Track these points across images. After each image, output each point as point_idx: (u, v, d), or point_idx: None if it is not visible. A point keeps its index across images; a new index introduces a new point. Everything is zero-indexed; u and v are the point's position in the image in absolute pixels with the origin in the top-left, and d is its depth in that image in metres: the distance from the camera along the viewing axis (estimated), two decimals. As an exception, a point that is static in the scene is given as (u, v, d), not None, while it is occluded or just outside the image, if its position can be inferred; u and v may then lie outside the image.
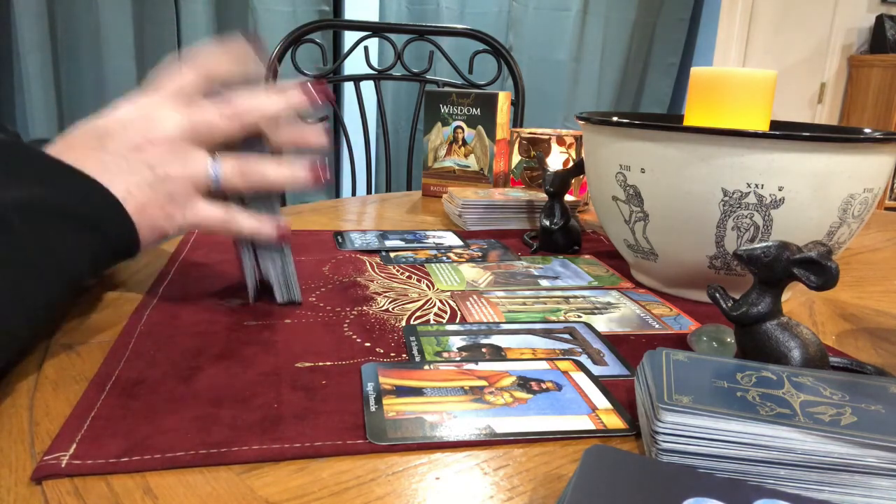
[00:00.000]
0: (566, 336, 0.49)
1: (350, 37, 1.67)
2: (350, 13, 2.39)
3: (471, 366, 0.43)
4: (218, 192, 0.47)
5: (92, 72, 1.89)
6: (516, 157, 1.02)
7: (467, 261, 0.69)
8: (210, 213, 0.47)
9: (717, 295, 0.43)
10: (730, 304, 0.43)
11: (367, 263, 0.66)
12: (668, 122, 0.59)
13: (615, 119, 0.59)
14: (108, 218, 0.42)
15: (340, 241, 0.74)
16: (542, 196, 0.86)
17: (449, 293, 0.58)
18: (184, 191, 0.45)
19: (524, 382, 0.41)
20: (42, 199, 0.40)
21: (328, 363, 0.43)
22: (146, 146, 0.44)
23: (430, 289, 0.59)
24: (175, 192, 0.45)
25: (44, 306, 0.41)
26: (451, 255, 0.71)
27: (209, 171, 0.46)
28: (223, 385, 0.39)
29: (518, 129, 1.03)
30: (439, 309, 0.54)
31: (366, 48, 1.37)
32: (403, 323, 0.50)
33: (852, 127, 1.61)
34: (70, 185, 0.41)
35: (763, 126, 0.61)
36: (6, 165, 0.40)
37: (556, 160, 0.98)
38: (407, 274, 0.63)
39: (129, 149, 0.44)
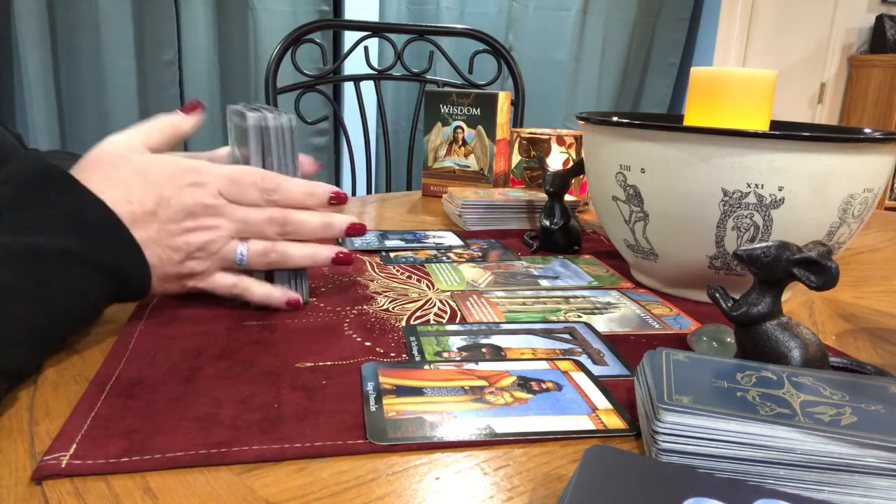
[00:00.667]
0: (566, 336, 0.49)
1: (350, 37, 1.67)
2: (350, 13, 2.39)
3: (471, 366, 0.43)
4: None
5: (92, 72, 1.89)
6: (516, 157, 1.02)
7: (467, 261, 0.69)
8: (222, 282, 0.49)
9: (717, 295, 0.43)
10: (730, 304, 0.43)
11: (367, 263, 0.66)
12: (668, 122, 0.59)
13: (615, 119, 0.59)
14: (136, 280, 0.45)
15: (340, 241, 0.74)
16: (542, 196, 0.86)
17: (449, 293, 0.58)
18: (207, 269, 0.48)
19: (524, 382, 0.41)
20: (81, 249, 0.41)
21: (328, 363, 0.43)
22: (195, 230, 0.47)
23: (430, 289, 0.59)
24: (198, 269, 0.48)
25: (52, 341, 0.42)
26: (451, 255, 0.71)
27: (237, 255, 0.48)
28: (223, 385, 0.39)
29: (518, 129, 1.03)
30: (439, 309, 0.54)
31: (366, 48, 1.37)
32: (403, 323, 0.50)
33: (852, 127, 1.61)
34: (112, 245, 0.43)
35: (763, 126, 0.61)
36: (61, 205, 0.42)
37: (556, 160, 0.98)
38: (407, 274, 0.63)
39: (179, 226, 0.46)
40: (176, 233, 0.46)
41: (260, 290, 0.50)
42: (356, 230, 0.51)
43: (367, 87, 1.41)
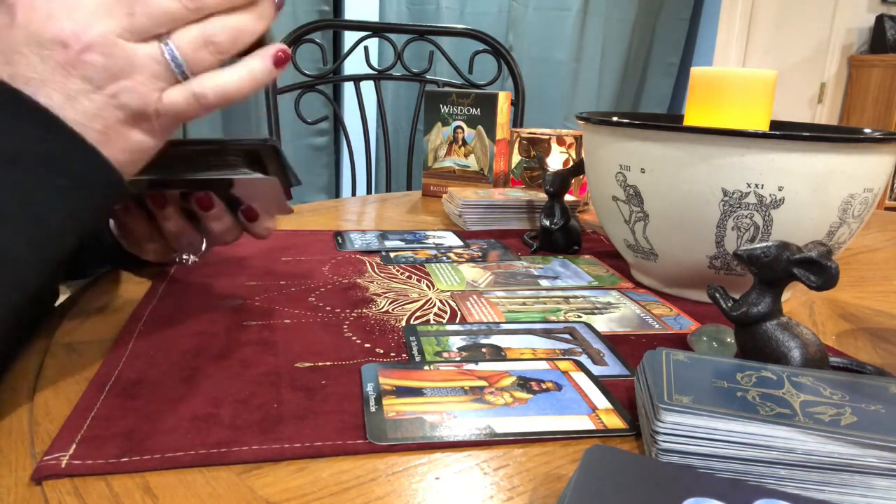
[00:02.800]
0: (566, 336, 0.49)
1: (350, 37, 1.67)
2: (350, 13, 2.39)
3: (471, 366, 0.43)
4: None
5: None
6: (516, 157, 1.02)
7: (467, 261, 0.69)
8: (182, 95, 0.37)
9: (717, 295, 0.43)
10: (730, 304, 0.43)
11: (367, 264, 0.66)
12: (668, 122, 0.59)
13: (615, 119, 0.59)
14: (62, 149, 0.34)
15: (340, 241, 0.74)
16: (542, 196, 0.86)
17: (449, 293, 0.58)
18: (143, 87, 0.36)
19: (524, 382, 0.41)
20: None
21: (328, 363, 0.43)
22: (77, 62, 0.34)
23: (430, 289, 0.59)
24: (131, 94, 0.35)
25: (25, 261, 0.34)
26: (451, 255, 0.71)
27: (166, 55, 0.36)
28: (223, 385, 0.39)
29: (518, 129, 1.03)
30: (439, 309, 0.54)
31: (366, 48, 1.37)
32: (403, 323, 0.50)
33: (852, 127, 1.61)
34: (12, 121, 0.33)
35: (763, 126, 0.61)
36: None
37: (556, 160, 0.98)
38: (407, 274, 0.63)
39: (57, 67, 0.34)
40: (66, 63, 0.34)
41: (234, 73, 0.38)
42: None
43: (367, 87, 1.41)
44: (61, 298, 0.55)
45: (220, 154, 0.50)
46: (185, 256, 0.54)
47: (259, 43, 0.39)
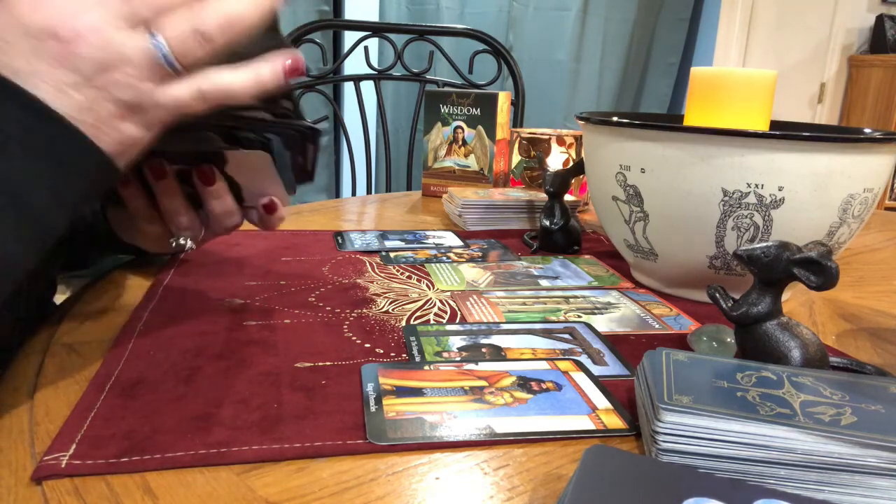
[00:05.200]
0: (566, 336, 0.49)
1: (350, 37, 1.67)
2: (350, 13, 2.39)
3: (471, 366, 0.43)
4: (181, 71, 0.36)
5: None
6: (516, 157, 1.02)
7: (467, 261, 0.69)
8: (180, 91, 0.36)
9: (717, 295, 0.43)
10: (730, 304, 0.43)
11: (367, 264, 0.66)
12: (668, 122, 0.59)
13: (615, 119, 0.59)
14: (55, 137, 0.34)
15: (340, 241, 0.74)
16: (542, 196, 0.86)
17: (449, 293, 0.58)
18: (134, 80, 0.35)
19: (524, 382, 0.41)
20: None
21: (328, 363, 0.43)
22: (68, 53, 0.33)
23: (430, 289, 0.59)
24: (123, 86, 0.35)
25: (12, 245, 0.33)
26: (451, 255, 0.71)
27: (154, 49, 0.35)
28: (223, 385, 0.39)
29: (518, 129, 1.03)
30: (439, 309, 0.54)
31: (366, 48, 1.37)
32: (403, 323, 0.50)
33: (852, 127, 1.61)
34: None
35: (763, 126, 0.61)
36: None
37: (556, 160, 0.98)
38: (407, 274, 0.63)
39: (48, 58, 0.33)
40: (57, 54, 0.33)
41: (239, 75, 0.37)
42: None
43: (367, 87, 1.41)
44: (61, 298, 0.55)
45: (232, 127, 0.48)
46: (182, 241, 0.52)
47: (274, 46, 0.39)
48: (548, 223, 0.74)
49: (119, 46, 0.34)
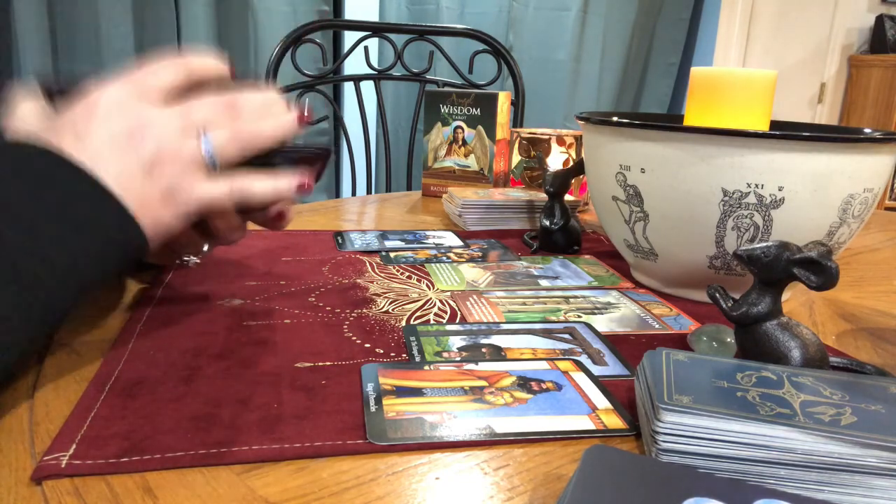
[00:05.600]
0: (566, 336, 0.49)
1: (350, 37, 1.67)
2: (350, 13, 2.39)
3: (471, 366, 0.43)
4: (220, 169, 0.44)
5: (92, 72, 1.89)
6: (516, 157, 1.02)
7: (467, 261, 0.69)
8: (214, 189, 0.43)
9: (717, 295, 0.43)
10: (730, 304, 0.43)
11: (367, 264, 0.66)
12: (668, 122, 0.59)
13: (615, 119, 0.59)
14: (106, 213, 0.39)
15: (340, 241, 0.74)
16: (542, 196, 0.86)
17: (449, 293, 0.58)
18: (180, 175, 0.42)
19: (524, 382, 0.41)
20: (32, 200, 0.36)
21: (328, 363, 0.43)
22: (135, 133, 0.41)
23: (430, 289, 0.59)
24: (171, 178, 0.41)
25: (51, 316, 0.38)
26: (451, 255, 0.71)
27: (203, 149, 0.42)
28: (223, 385, 0.39)
29: (518, 129, 1.03)
30: (439, 309, 0.54)
31: (366, 48, 1.37)
32: (403, 323, 0.50)
33: (852, 127, 1.61)
34: (59, 180, 0.38)
35: (763, 126, 0.61)
36: None
37: (556, 160, 0.98)
38: (407, 274, 0.63)
39: (118, 135, 0.40)
40: (113, 141, 0.40)
41: (262, 184, 0.45)
42: (302, 121, 0.47)
43: (367, 87, 1.41)
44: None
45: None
46: (185, 258, 0.53)
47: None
48: (548, 223, 0.74)
49: (178, 145, 0.42)
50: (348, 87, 1.93)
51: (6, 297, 0.34)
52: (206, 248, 0.52)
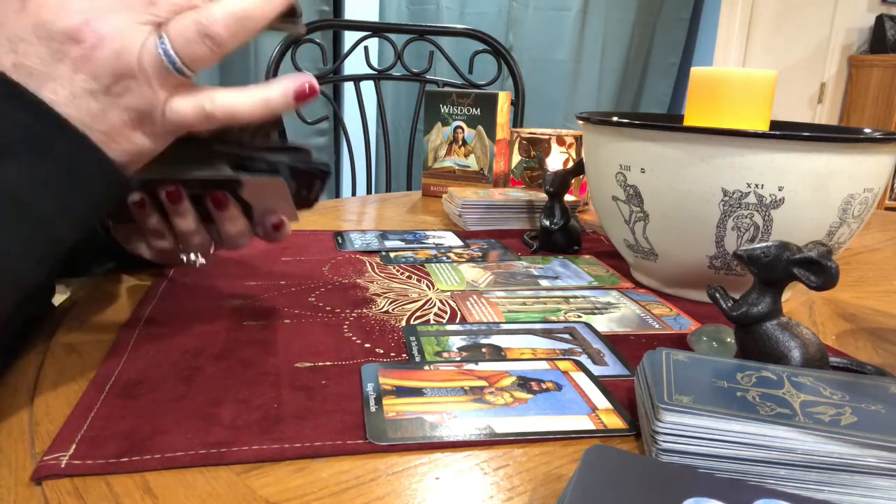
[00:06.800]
0: (566, 336, 0.49)
1: (350, 37, 1.67)
2: (350, 13, 2.39)
3: (471, 366, 0.43)
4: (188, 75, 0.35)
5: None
6: (516, 157, 1.02)
7: (467, 261, 0.69)
8: (184, 108, 0.35)
9: (717, 295, 0.43)
10: (730, 304, 0.43)
11: (367, 264, 0.66)
12: (668, 122, 0.59)
13: (615, 119, 0.59)
14: (68, 149, 0.33)
15: (340, 241, 0.74)
16: (542, 196, 0.86)
17: (449, 293, 0.58)
18: (150, 99, 0.34)
19: (524, 382, 0.41)
20: None
21: (328, 363, 0.43)
22: (87, 58, 0.33)
23: (430, 289, 0.59)
24: (140, 106, 0.34)
25: (19, 255, 0.33)
26: (451, 255, 0.71)
27: (158, 51, 0.33)
28: (223, 385, 0.39)
29: (518, 129, 1.03)
30: (439, 309, 0.54)
31: (366, 48, 1.37)
32: (403, 323, 0.50)
33: (852, 127, 1.61)
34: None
35: (763, 126, 0.61)
36: None
37: (556, 160, 0.98)
38: (407, 274, 0.63)
39: (66, 62, 0.33)
40: (77, 59, 0.32)
41: (241, 97, 0.36)
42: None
43: (367, 87, 1.41)
44: (61, 298, 0.55)
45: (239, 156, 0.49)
46: (192, 258, 0.53)
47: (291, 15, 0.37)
48: (548, 223, 0.74)
49: (137, 52, 0.33)
50: (348, 87, 1.93)
51: None
52: (213, 249, 0.52)
